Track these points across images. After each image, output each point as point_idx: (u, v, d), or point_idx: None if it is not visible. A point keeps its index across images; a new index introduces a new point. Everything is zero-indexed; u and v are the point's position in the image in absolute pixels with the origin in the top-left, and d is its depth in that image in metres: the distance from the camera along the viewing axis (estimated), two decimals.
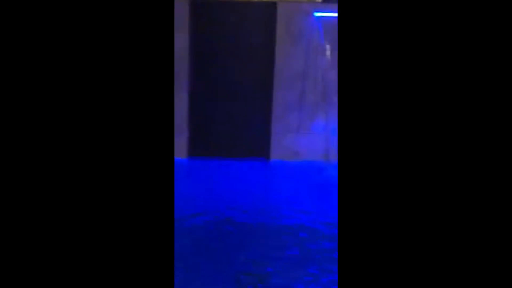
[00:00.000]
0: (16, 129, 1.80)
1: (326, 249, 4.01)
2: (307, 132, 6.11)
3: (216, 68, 5.92)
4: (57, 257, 1.81)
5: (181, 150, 6.07)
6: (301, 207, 4.92)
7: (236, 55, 5.88)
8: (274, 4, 5.74)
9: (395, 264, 1.81)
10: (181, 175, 5.81)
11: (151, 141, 1.88)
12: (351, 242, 1.86)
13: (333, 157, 6.03)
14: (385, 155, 1.84)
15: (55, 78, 1.84)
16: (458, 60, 1.80)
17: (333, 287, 3.43)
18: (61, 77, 1.83)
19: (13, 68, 1.80)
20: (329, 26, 5.66)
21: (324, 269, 3.65)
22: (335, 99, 5.80)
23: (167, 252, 1.91)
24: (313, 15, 5.69)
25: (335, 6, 5.21)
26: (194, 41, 5.76)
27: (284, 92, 5.96)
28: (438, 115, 1.82)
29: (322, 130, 6.12)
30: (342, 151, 1.91)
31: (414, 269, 1.79)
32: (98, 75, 1.86)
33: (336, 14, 5.39)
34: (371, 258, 1.83)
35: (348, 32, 1.88)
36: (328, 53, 5.77)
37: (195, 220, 4.63)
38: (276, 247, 4.04)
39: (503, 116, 1.78)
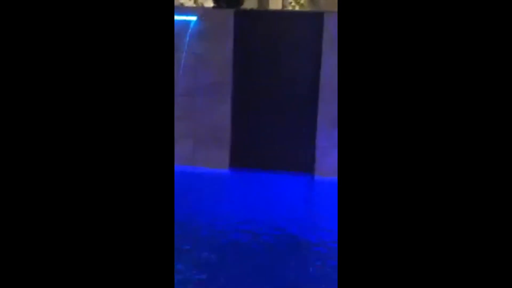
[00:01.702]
0: (15, 132, 1.78)
1: None
2: None
3: (260, 80, 5.84)
4: (56, 265, 1.79)
5: (223, 161, 6.03)
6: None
7: (281, 66, 5.78)
8: (321, 15, 5.60)
9: (395, 276, 1.80)
10: (220, 186, 5.78)
11: (151, 147, 1.85)
12: (352, 256, 1.84)
13: None
14: (387, 166, 1.81)
15: (59, 85, 1.81)
16: (458, 64, 1.77)
17: None
18: (62, 84, 1.81)
19: (13, 70, 1.78)
20: None
21: None
22: None
23: (167, 259, 1.87)
24: None
25: None
26: (238, 52, 5.71)
27: (330, 105, 5.78)
28: (441, 124, 1.79)
29: None
30: (342, 164, 1.89)
31: (415, 280, 1.78)
32: (99, 81, 1.83)
33: None
34: (372, 268, 1.82)
35: (348, 39, 1.85)
36: None
37: (236, 235, 4.57)
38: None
39: (503, 116, 1.74)
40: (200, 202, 5.16)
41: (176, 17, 5.06)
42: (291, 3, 8.50)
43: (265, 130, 6.00)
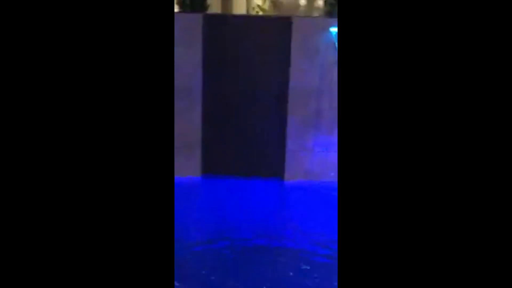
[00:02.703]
0: (13, 135, 1.76)
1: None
2: (322, 150, 5.95)
3: (230, 85, 5.81)
4: (56, 277, 1.78)
5: (194, 168, 5.95)
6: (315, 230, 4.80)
7: (250, 71, 5.78)
8: (290, 19, 5.64)
9: (394, 279, 1.80)
10: (194, 194, 5.69)
11: (151, 157, 1.84)
12: (351, 261, 1.85)
13: None
14: (386, 171, 1.82)
15: (61, 94, 1.79)
16: (456, 69, 1.78)
17: None
18: (62, 95, 1.79)
19: (12, 70, 1.76)
20: None
21: None
22: None
23: (167, 271, 1.86)
24: (329, 31, 5.58)
25: None
26: (207, 57, 5.67)
27: (299, 108, 5.82)
28: (441, 129, 1.79)
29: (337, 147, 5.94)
30: (342, 168, 1.90)
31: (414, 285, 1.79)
32: (99, 93, 1.82)
33: None
34: (371, 274, 1.82)
35: (348, 48, 1.86)
36: None
37: (210, 245, 4.50)
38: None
39: (502, 117, 1.75)
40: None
41: None
42: (254, 8, 8.52)
43: (235, 136, 5.97)
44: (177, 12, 6.09)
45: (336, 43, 5.57)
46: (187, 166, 5.91)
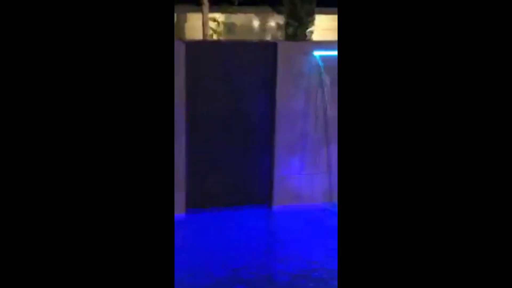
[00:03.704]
0: (9, 137, 1.75)
1: None
2: (309, 173, 5.85)
3: (215, 112, 5.54)
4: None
5: (179, 205, 5.57)
6: (308, 256, 4.74)
7: (235, 97, 5.55)
8: (275, 44, 5.52)
9: None
10: (179, 233, 5.32)
11: (151, 194, 1.85)
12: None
13: (336, 198, 5.80)
14: (385, 192, 1.86)
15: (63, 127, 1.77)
16: (453, 77, 1.81)
17: None
18: (63, 126, 1.77)
19: (12, 70, 1.74)
20: (328, 64, 5.50)
21: None
22: (336, 137, 5.60)
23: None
24: (313, 54, 5.53)
25: (334, 44, 5.06)
26: (191, 86, 5.37)
27: (286, 133, 5.69)
28: (442, 151, 1.82)
29: (324, 170, 5.88)
30: (342, 190, 1.94)
31: None
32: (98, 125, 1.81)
33: (335, 53, 5.26)
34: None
35: (348, 72, 1.90)
36: (326, 89, 5.60)
37: (194, 280, 4.25)
38: None
39: (501, 117, 1.78)
40: None
41: None
42: (210, 33, 8.33)
43: (222, 165, 5.68)
44: None
45: (321, 67, 5.54)
46: None
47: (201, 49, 5.38)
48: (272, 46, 5.50)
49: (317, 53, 5.50)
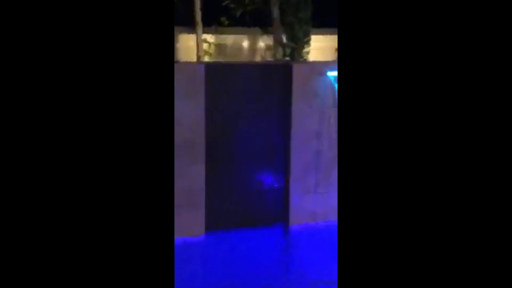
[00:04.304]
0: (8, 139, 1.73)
1: None
2: (324, 192, 5.95)
3: (233, 134, 5.56)
4: None
5: (198, 226, 5.52)
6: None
7: (251, 117, 5.60)
8: (290, 64, 5.63)
9: None
10: (198, 256, 5.27)
11: (151, 218, 1.84)
12: None
13: None
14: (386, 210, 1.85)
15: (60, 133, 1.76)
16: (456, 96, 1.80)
17: None
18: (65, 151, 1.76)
19: (12, 74, 1.73)
20: None
21: None
22: None
23: None
24: (327, 75, 5.69)
25: None
26: (210, 107, 5.38)
27: (301, 152, 5.79)
28: (436, 174, 1.81)
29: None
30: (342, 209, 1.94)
31: None
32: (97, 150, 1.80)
33: None
34: None
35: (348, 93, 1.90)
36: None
37: None
38: None
39: (500, 119, 1.77)
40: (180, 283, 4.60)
41: None
42: (202, 54, 8.35)
43: (239, 186, 5.69)
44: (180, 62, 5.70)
45: (336, 86, 5.70)
46: (191, 224, 5.47)
47: (219, 71, 5.42)
48: (287, 67, 5.61)
49: (331, 74, 5.66)
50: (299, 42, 7.40)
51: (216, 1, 8.38)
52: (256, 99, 5.58)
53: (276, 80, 5.62)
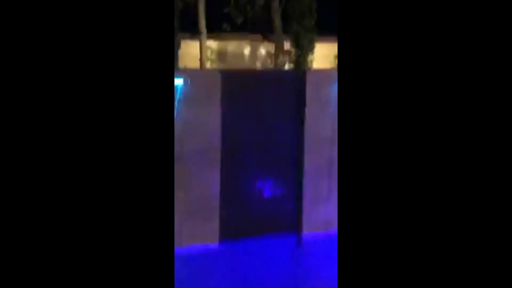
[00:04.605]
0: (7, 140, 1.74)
1: None
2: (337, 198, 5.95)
3: (248, 140, 5.55)
4: None
5: (212, 234, 5.47)
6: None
7: (266, 124, 5.60)
8: (304, 72, 5.65)
9: None
10: (212, 263, 5.21)
11: (151, 227, 1.85)
12: None
13: None
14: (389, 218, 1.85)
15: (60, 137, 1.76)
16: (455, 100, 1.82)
17: None
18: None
19: (12, 75, 1.74)
20: None
21: None
22: None
23: None
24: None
25: None
26: (226, 114, 5.36)
27: (315, 157, 5.79)
28: (439, 183, 1.82)
29: None
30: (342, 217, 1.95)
31: None
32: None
33: None
34: None
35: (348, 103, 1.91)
36: None
37: None
38: None
39: (501, 121, 1.79)
40: None
41: None
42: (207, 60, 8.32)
43: (254, 193, 5.67)
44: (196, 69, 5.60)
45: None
46: (205, 232, 5.42)
47: (235, 78, 5.41)
48: (301, 74, 5.63)
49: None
50: (304, 49, 7.42)
51: (217, 8, 8.38)
52: (270, 106, 5.57)
53: (290, 87, 5.62)
